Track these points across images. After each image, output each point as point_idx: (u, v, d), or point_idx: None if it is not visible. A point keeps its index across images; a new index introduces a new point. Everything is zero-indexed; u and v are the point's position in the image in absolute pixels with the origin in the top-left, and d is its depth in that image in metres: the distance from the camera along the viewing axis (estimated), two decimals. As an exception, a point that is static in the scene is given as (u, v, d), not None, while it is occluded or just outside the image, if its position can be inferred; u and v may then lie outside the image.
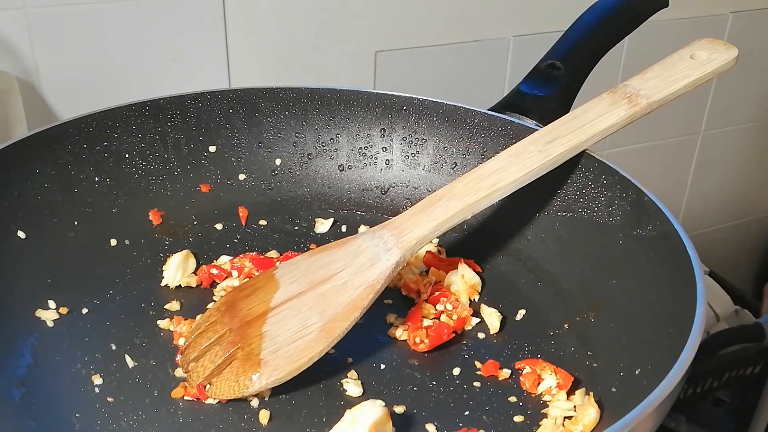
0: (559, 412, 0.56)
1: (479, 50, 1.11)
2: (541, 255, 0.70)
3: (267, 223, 0.75)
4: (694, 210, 1.49)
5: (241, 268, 0.68)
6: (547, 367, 0.59)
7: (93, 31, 0.88)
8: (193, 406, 0.56)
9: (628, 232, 0.64)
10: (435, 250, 0.72)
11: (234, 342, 0.58)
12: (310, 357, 0.57)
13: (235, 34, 0.95)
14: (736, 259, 1.60)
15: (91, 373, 0.58)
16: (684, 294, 0.54)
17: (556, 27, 0.83)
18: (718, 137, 1.41)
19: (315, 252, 0.62)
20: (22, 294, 0.63)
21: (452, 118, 0.76)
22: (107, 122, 0.72)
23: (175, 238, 0.72)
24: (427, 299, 0.66)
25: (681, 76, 0.65)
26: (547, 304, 0.67)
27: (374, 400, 0.53)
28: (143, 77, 0.92)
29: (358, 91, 0.78)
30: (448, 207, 0.61)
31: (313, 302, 0.59)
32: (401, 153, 0.78)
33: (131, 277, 0.68)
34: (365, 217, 0.77)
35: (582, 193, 0.68)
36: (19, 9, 0.84)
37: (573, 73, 0.77)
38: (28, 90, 0.87)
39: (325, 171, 0.79)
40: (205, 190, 0.75)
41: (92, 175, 0.71)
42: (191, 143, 0.76)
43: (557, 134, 0.64)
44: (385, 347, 0.62)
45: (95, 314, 0.63)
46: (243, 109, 0.77)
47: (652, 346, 0.55)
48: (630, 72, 0.73)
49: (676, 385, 0.47)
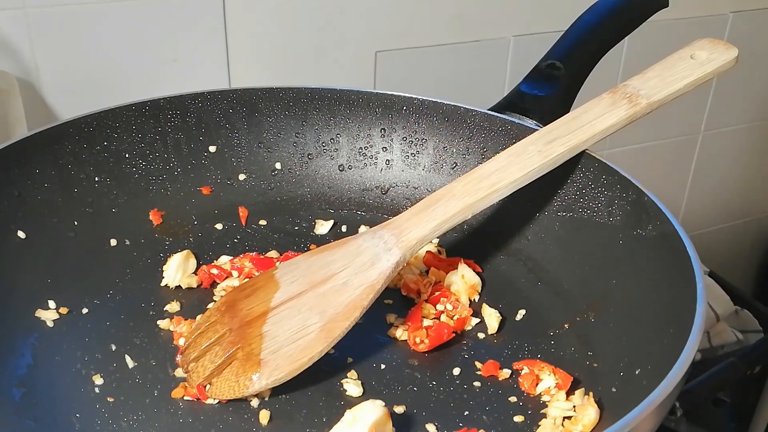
0: (559, 412, 0.56)
1: (479, 50, 1.11)
2: (541, 255, 0.70)
3: (267, 223, 0.75)
4: (694, 210, 1.49)
5: (241, 268, 0.68)
6: (545, 367, 0.59)
7: (93, 31, 0.88)
8: (193, 406, 0.56)
9: (628, 232, 0.64)
10: (435, 250, 0.72)
11: (234, 342, 0.58)
12: (310, 357, 0.57)
13: (235, 34, 0.95)
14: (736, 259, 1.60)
15: (91, 373, 0.58)
16: (684, 294, 0.54)
17: (556, 27, 0.83)
18: (718, 137, 1.41)
19: (315, 252, 0.62)
20: (22, 294, 0.63)
21: (452, 118, 0.76)
22: (107, 122, 0.72)
23: (175, 238, 0.72)
24: (427, 299, 0.66)
25: (681, 76, 0.65)
26: (547, 304, 0.67)
27: (374, 400, 0.53)
28: (143, 77, 0.92)
29: (358, 91, 0.78)
30: (448, 207, 0.61)
31: (313, 302, 0.59)
32: (401, 153, 0.78)
33: (131, 277, 0.68)
34: (365, 217, 0.77)
35: (582, 193, 0.68)
36: (19, 9, 0.84)
37: (573, 73, 0.77)
38: (28, 90, 0.87)
39: (325, 171, 0.79)
40: (206, 192, 0.75)
41: (92, 175, 0.71)
42: (191, 143, 0.76)
43: (557, 134, 0.64)
44: (385, 347, 0.62)
45: (95, 314, 0.63)
46: (243, 109, 0.77)
47: (652, 346, 0.55)
48: (630, 72, 0.73)
49: (676, 385, 0.47)
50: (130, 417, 0.54)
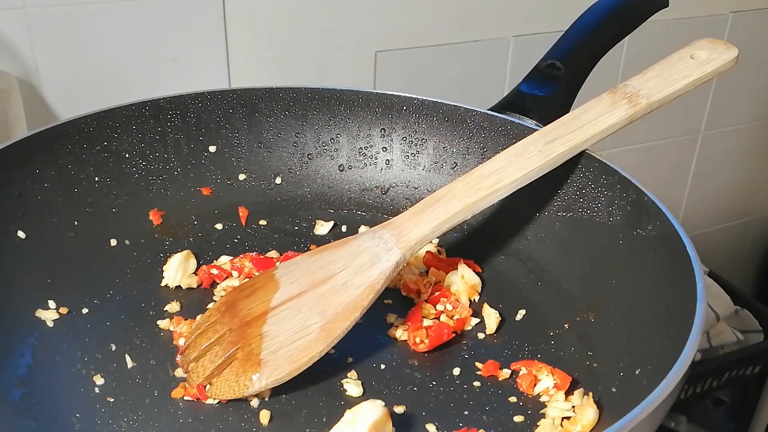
0: (557, 412, 0.56)
1: (479, 50, 1.11)
2: (541, 255, 0.70)
3: (267, 223, 0.75)
4: (694, 210, 1.49)
5: (241, 268, 0.68)
6: (543, 368, 0.59)
7: (93, 31, 0.88)
8: (193, 406, 0.56)
9: (628, 232, 0.64)
10: (435, 250, 0.72)
11: (234, 342, 0.58)
12: (310, 357, 0.57)
13: (235, 34, 0.95)
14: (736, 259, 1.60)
15: (91, 373, 0.58)
16: (684, 294, 0.54)
17: (556, 27, 0.83)
18: (718, 137, 1.41)
19: (315, 252, 0.62)
20: (22, 294, 0.63)
21: (452, 118, 0.76)
22: (107, 122, 0.72)
23: (175, 238, 0.72)
24: (427, 299, 0.66)
25: (681, 76, 0.65)
26: (547, 304, 0.67)
27: (374, 400, 0.53)
28: (143, 77, 0.92)
29: (358, 91, 0.78)
30: (448, 207, 0.61)
31: (313, 302, 0.59)
32: (401, 153, 0.78)
33: (131, 277, 0.68)
34: (365, 217, 0.77)
35: (582, 193, 0.68)
36: (19, 9, 0.84)
37: (573, 73, 0.77)
38: (28, 90, 0.87)
39: (325, 171, 0.79)
40: (206, 194, 0.75)
41: (92, 175, 0.71)
42: (191, 143, 0.76)
43: (557, 134, 0.64)
44: (385, 347, 0.62)
45: (95, 314, 0.63)
46: (243, 109, 0.77)
47: (652, 346, 0.55)
48: (630, 72, 0.73)
49: (676, 385, 0.47)
50: (130, 417, 0.54)
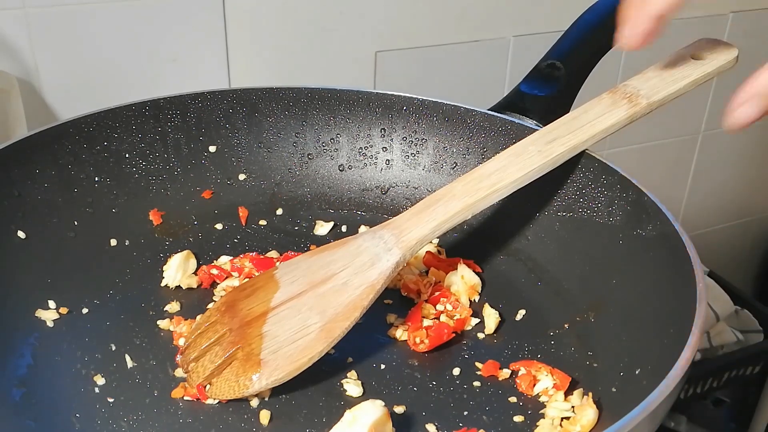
0: (557, 412, 0.56)
1: (479, 50, 1.11)
2: (541, 255, 0.70)
3: (267, 223, 0.75)
4: (694, 210, 1.49)
5: (241, 268, 0.68)
6: (542, 368, 0.59)
7: (93, 31, 0.88)
8: (193, 406, 0.56)
9: (628, 232, 0.64)
10: (435, 251, 0.72)
11: (234, 342, 0.58)
12: (310, 357, 0.57)
13: (235, 34, 0.95)
14: (736, 259, 1.60)
15: (91, 373, 0.58)
16: (684, 294, 0.54)
17: (556, 27, 0.83)
18: (718, 137, 1.41)
19: (315, 252, 0.62)
20: (22, 294, 0.63)
21: (452, 118, 0.76)
22: (107, 122, 0.72)
23: (175, 238, 0.72)
24: (427, 299, 0.66)
25: (681, 76, 0.65)
26: (547, 304, 0.67)
27: (374, 400, 0.53)
28: (143, 77, 0.92)
29: (358, 91, 0.78)
30: (448, 207, 0.61)
31: (313, 302, 0.59)
32: (401, 153, 0.78)
33: (131, 277, 0.68)
34: (365, 217, 0.77)
35: (582, 193, 0.68)
36: (19, 9, 0.84)
37: (573, 73, 0.77)
38: (28, 90, 0.87)
39: (325, 171, 0.79)
40: (207, 196, 0.75)
41: (92, 175, 0.71)
42: (191, 143, 0.76)
43: (557, 134, 0.64)
44: (385, 347, 0.62)
45: (95, 314, 0.63)
46: (243, 109, 0.77)
47: (652, 346, 0.55)
48: (630, 72, 0.73)
49: (676, 385, 0.47)
50: (130, 417, 0.54)
